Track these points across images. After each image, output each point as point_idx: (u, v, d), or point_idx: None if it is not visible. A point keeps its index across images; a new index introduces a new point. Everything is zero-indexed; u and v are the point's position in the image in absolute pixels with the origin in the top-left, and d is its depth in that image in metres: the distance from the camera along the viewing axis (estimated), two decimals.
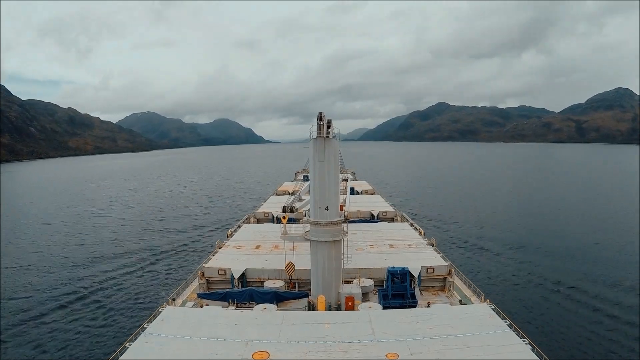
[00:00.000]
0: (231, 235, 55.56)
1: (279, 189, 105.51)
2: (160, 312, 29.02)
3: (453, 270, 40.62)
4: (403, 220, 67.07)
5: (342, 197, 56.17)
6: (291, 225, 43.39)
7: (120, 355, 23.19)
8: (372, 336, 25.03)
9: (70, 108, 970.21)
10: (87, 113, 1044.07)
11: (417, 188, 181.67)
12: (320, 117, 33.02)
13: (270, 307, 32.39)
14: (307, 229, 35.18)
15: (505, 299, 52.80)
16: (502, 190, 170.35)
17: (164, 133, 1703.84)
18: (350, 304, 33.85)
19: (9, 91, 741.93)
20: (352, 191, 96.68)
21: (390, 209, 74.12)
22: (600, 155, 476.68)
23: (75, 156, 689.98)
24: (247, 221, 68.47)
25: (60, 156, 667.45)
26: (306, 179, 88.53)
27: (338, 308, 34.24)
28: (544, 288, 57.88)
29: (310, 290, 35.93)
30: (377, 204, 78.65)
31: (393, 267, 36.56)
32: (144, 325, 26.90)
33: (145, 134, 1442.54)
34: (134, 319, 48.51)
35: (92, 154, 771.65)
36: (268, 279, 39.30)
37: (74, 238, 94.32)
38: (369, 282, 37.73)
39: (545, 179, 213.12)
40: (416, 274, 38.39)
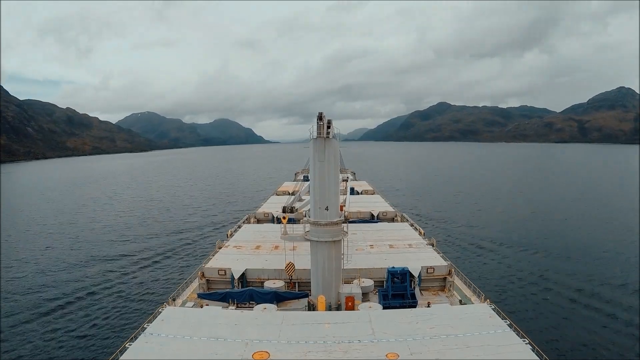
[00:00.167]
0: (231, 235, 55.58)
1: (279, 189, 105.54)
2: (160, 312, 29.03)
3: (453, 270, 40.63)
4: (403, 220, 67.11)
5: (342, 197, 56.24)
6: (291, 225, 43.41)
7: (120, 355, 23.19)
8: (372, 336, 25.03)
9: (68, 108, 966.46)
10: (86, 113, 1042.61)
11: (417, 188, 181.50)
12: (320, 117, 33.07)
13: (270, 307, 32.40)
14: (307, 229, 35.20)
15: (505, 299, 52.83)
16: (502, 190, 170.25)
17: (164, 133, 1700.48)
18: (350, 304, 33.85)
19: (6, 91, 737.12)
20: (352, 191, 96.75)
21: (390, 209, 74.15)
22: (603, 155, 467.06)
23: (72, 157, 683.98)
24: (247, 221, 68.51)
25: (58, 156, 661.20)
26: (306, 179, 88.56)
27: (338, 308, 34.25)
28: (544, 288, 57.83)
29: (310, 290, 35.95)
30: (377, 204, 78.68)
31: (393, 267, 36.54)
32: (144, 325, 26.92)
33: (145, 134, 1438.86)
34: (134, 319, 48.48)
35: (90, 154, 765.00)
36: (268, 279, 39.31)
37: (73, 238, 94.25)
38: (369, 282, 37.75)
39: (546, 179, 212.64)
40: (416, 274, 38.42)
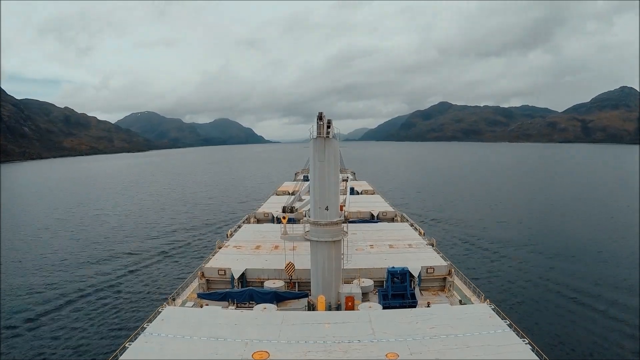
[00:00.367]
0: (231, 235, 55.57)
1: (279, 189, 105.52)
2: (160, 312, 29.02)
3: (453, 270, 40.64)
4: (403, 220, 67.14)
5: (342, 197, 56.15)
6: (291, 225, 43.34)
7: (120, 355, 23.20)
8: (372, 336, 25.04)
9: (66, 107, 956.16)
10: (84, 113, 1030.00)
11: (417, 188, 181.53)
12: (320, 117, 33.11)
13: (270, 307, 32.41)
14: (307, 229, 35.21)
15: (505, 299, 52.83)
16: (502, 190, 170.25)
17: (163, 133, 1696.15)
18: (350, 304, 33.86)
19: (3, 90, 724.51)
20: (352, 191, 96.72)
21: (390, 209, 74.16)
22: (612, 156, 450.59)
23: (68, 157, 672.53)
24: (247, 221, 68.50)
25: (54, 157, 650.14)
26: (306, 179, 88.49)
27: (338, 308, 34.25)
28: (544, 288, 57.87)
29: (310, 290, 35.95)
30: (377, 204, 78.68)
31: (393, 267, 36.56)
32: (144, 325, 26.92)
33: (144, 134, 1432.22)
34: (134, 319, 48.47)
35: (86, 154, 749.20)
36: (268, 279, 39.31)
37: (73, 239, 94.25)
38: (369, 282, 37.75)
39: (559, 181, 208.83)
40: (416, 274, 38.43)
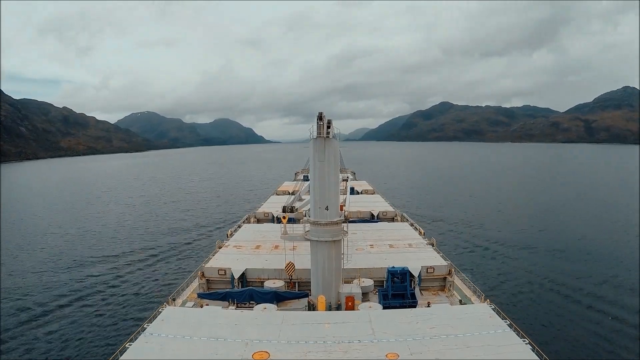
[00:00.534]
0: (231, 235, 55.59)
1: (279, 189, 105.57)
2: (160, 312, 29.02)
3: (453, 270, 40.66)
4: (403, 220, 67.17)
5: (342, 197, 56.12)
6: (291, 225, 43.32)
7: (120, 355, 23.19)
8: (372, 336, 25.03)
9: (65, 107, 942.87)
10: (83, 112, 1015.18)
11: (417, 188, 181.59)
12: (320, 117, 33.13)
13: (270, 307, 32.41)
14: (307, 229, 35.21)
15: (505, 299, 52.81)
16: (503, 190, 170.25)
17: (163, 133, 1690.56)
18: (350, 304, 33.85)
19: (1, 90, 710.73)
20: (352, 191, 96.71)
21: (390, 208, 74.19)
22: (614, 156, 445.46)
23: (65, 157, 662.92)
24: (247, 221, 68.52)
25: (50, 157, 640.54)
26: (306, 179, 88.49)
27: (338, 308, 34.25)
28: (544, 288, 57.87)
29: (310, 290, 35.94)
30: (377, 204, 78.71)
31: (393, 267, 36.53)
32: (144, 325, 26.92)
33: (144, 134, 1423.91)
34: (134, 319, 48.47)
35: (84, 154, 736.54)
36: (268, 279, 39.32)
37: (72, 239, 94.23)
38: (369, 282, 37.75)
39: (557, 181, 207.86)
40: (416, 274, 38.42)
